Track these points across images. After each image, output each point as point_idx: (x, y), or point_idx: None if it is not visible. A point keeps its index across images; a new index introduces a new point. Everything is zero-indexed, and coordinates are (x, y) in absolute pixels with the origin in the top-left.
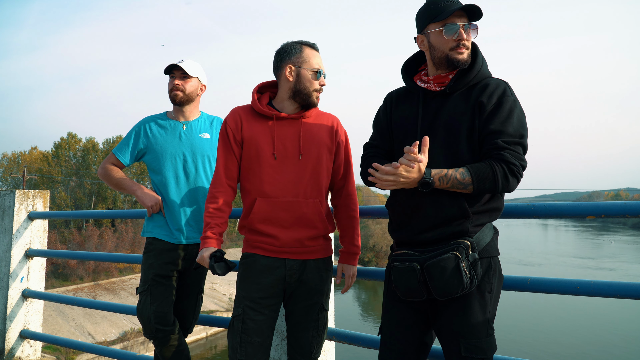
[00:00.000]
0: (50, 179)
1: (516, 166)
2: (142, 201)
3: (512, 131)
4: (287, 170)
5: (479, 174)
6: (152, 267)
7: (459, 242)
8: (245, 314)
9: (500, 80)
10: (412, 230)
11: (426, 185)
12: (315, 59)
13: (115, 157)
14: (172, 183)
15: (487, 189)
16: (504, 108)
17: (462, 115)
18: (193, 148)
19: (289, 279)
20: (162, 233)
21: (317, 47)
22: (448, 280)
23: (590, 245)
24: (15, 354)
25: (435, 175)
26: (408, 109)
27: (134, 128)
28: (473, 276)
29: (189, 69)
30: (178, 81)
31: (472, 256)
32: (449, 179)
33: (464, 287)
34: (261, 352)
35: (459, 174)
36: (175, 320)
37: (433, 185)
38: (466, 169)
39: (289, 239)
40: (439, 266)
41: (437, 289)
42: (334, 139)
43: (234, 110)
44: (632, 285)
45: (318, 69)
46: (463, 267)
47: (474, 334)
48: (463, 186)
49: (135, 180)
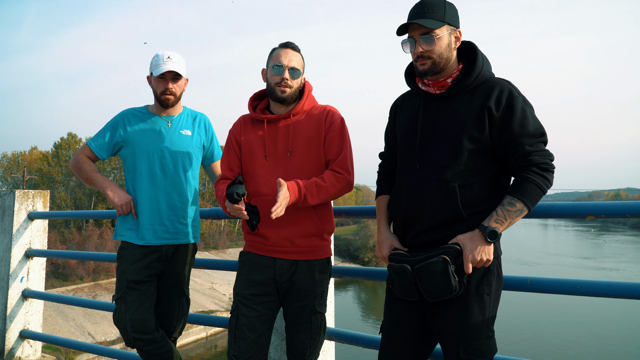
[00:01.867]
0: (50, 179)
1: (546, 163)
2: (111, 200)
3: (532, 130)
4: (278, 169)
5: (524, 193)
6: (124, 274)
7: (449, 247)
8: (238, 309)
9: (504, 81)
10: (411, 232)
11: (494, 234)
12: (279, 56)
13: (89, 149)
14: (148, 180)
15: (539, 197)
16: (516, 110)
17: (465, 119)
18: (172, 145)
19: (280, 279)
20: (134, 236)
21: (289, 45)
22: (436, 283)
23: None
24: (15, 354)
25: (493, 223)
26: (409, 113)
27: (112, 120)
28: (462, 280)
29: (181, 69)
30: (171, 84)
31: (461, 260)
32: (505, 215)
33: (452, 291)
34: (255, 349)
35: (509, 205)
36: (158, 326)
37: (500, 234)
38: (511, 197)
39: (279, 237)
40: (428, 269)
41: (426, 291)
42: (322, 129)
43: (239, 118)
44: (632, 285)
45: (278, 62)
46: (451, 271)
47: (473, 335)
48: (520, 212)
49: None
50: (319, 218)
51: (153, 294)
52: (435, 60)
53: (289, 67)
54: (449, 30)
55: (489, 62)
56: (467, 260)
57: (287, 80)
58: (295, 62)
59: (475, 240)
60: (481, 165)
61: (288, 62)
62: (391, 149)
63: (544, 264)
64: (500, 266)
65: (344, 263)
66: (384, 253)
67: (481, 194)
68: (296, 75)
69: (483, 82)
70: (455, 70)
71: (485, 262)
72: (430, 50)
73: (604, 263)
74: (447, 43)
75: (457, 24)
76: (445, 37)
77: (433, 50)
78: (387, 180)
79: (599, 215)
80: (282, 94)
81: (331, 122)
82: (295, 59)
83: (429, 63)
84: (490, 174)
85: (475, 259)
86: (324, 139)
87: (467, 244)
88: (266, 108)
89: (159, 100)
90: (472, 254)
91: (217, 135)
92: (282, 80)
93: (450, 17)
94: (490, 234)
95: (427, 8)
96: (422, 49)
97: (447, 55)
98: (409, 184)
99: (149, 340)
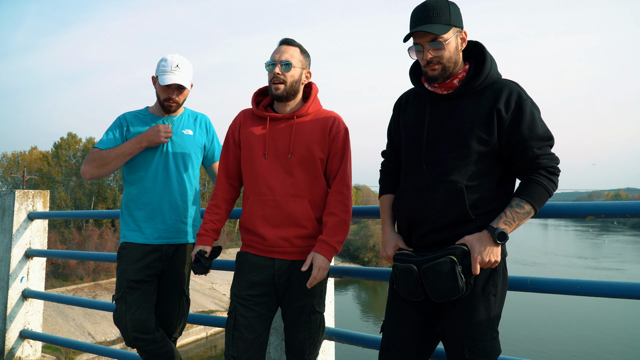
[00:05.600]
0: (50, 179)
1: (554, 167)
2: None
3: (541, 133)
4: (277, 169)
5: (533, 196)
6: (124, 273)
7: (456, 247)
8: (236, 310)
9: (512, 83)
10: (416, 232)
11: (503, 236)
12: (273, 53)
13: (98, 149)
14: (150, 180)
15: (546, 200)
16: (525, 113)
17: (474, 120)
18: (174, 145)
19: (278, 279)
20: (135, 235)
21: (284, 41)
22: (443, 284)
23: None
24: (15, 354)
25: (502, 224)
26: (415, 113)
27: (115, 122)
28: (469, 281)
29: (187, 81)
30: (175, 95)
31: (468, 261)
32: (513, 217)
33: (459, 291)
34: (254, 349)
35: (517, 207)
36: (158, 325)
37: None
38: (519, 199)
39: (277, 237)
40: (435, 270)
41: (432, 292)
42: (327, 136)
43: (239, 112)
44: (632, 285)
45: (269, 60)
46: (458, 272)
47: (478, 336)
48: (527, 214)
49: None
50: (317, 220)
51: (154, 293)
52: (445, 65)
53: (280, 61)
54: (456, 32)
55: (495, 62)
56: (475, 261)
57: (278, 75)
58: (287, 55)
59: (484, 241)
60: (488, 166)
61: (279, 57)
62: (394, 147)
63: (544, 264)
64: (505, 267)
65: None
66: (389, 253)
67: (488, 195)
68: (288, 69)
69: (491, 83)
70: (461, 71)
71: (493, 263)
72: (439, 56)
73: (604, 263)
74: (455, 46)
75: (461, 25)
76: (453, 40)
77: (442, 55)
78: (391, 179)
79: (599, 215)
80: (276, 90)
81: (337, 132)
82: (289, 52)
83: (439, 69)
84: (496, 176)
85: (484, 260)
86: (327, 148)
87: (476, 245)
88: (269, 105)
89: (162, 105)
90: (481, 255)
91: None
92: (274, 76)
93: (455, 18)
94: (499, 236)
95: (432, 12)
96: (432, 55)
97: (456, 59)
98: (414, 184)
99: (150, 340)
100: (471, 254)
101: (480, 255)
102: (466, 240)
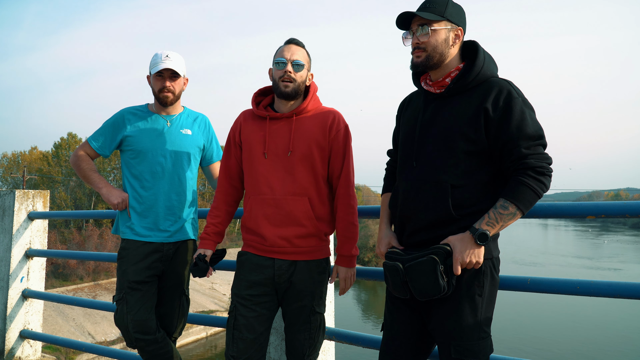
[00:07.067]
0: (50, 179)
1: (543, 167)
2: (107, 198)
3: (530, 132)
4: (277, 168)
5: (518, 197)
6: (125, 274)
7: (440, 247)
8: (236, 310)
9: (504, 81)
10: (406, 231)
11: (484, 237)
12: (282, 51)
13: (89, 146)
14: (148, 178)
15: (534, 201)
16: (514, 111)
17: (461, 119)
18: (172, 144)
19: (278, 279)
20: (132, 233)
21: (292, 41)
22: (425, 283)
23: (590, 245)
24: (15, 354)
25: (484, 225)
26: (412, 112)
27: (112, 118)
28: (451, 281)
29: (179, 67)
30: (169, 82)
31: (451, 261)
32: (496, 218)
33: (440, 290)
34: (254, 349)
35: (501, 208)
36: (159, 326)
37: (490, 236)
38: (504, 200)
39: (277, 237)
40: (416, 269)
41: (415, 290)
42: (327, 134)
43: (240, 113)
44: (632, 285)
45: (280, 57)
46: (440, 271)
47: (465, 336)
48: (512, 215)
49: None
50: (317, 219)
51: (154, 294)
52: (430, 53)
53: (292, 60)
54: (448, 26)
55: (493, 61)
56: (457, 262)
57: (289, 73)
58: (298, 56)
59: (465, 242)
60: (476, 166)
61: (290, 56)
62: (397, 147)
63: (543, 264)
64: (494, 267)
65: None
66: (381, 250)
67: (475, 195)
68: (299, 69)
69: (483, 81)
70: (454, 69)
71: (474, 264)
72: (425, 42)
73: (603, 263)
74: (444, 38)
75: (459, 23)
76: (443, 32)
77: (428, 42)
78: (392, 178)
79: (599, 215)
80: (286, 88)
81: (337, 130)
82: (299, 53)
83: (424, 56)
84: (485, 176)
85: (464, 260)
86: (328, 145)
87: (457, 245)
88: (270, 105)
89: (158, 99)
90: (462, 256)
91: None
92: (285, 73)
93: (452, 14)
94: (480, 237)
95: (430, 3)
96: (418, 40)
97: (442, 50)
98: (406, 182)
99: (151, 341)
100: (453, 254)
101: (461, 255)
102: (449, 241)
